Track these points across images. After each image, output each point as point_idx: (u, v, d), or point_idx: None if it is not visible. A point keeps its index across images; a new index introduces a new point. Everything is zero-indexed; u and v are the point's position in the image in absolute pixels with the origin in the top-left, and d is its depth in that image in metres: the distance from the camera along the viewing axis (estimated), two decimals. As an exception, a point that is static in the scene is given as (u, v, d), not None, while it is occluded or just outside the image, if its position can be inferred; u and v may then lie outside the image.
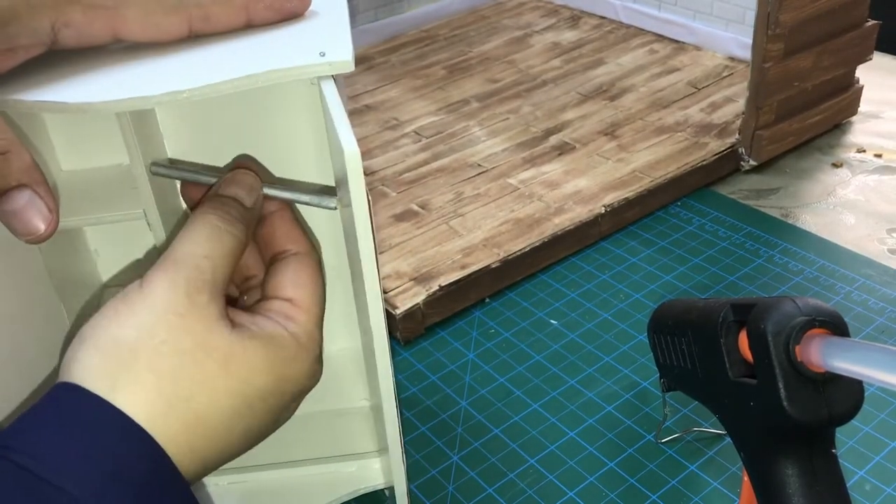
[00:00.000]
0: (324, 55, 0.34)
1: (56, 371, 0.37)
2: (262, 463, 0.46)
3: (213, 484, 0.47)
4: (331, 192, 0.38)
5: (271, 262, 0.39)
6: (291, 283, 0.38)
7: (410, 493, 0.48)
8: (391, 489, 0.43)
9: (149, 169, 0.39)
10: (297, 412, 0.49)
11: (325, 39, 0.35)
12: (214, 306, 0.33)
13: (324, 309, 0.38)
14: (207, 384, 0.32)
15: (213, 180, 0.39)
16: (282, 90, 0.40)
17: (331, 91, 0.34)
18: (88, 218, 0.40)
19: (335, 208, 0.38)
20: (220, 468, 0.47)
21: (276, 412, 0.35)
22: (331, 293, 0.41)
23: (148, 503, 0.28)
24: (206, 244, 0.34)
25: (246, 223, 0.36)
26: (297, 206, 0.41)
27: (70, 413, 0.29)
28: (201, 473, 0.33)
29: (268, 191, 0.39)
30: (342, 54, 0.34)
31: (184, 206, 0.44)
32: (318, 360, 0.37)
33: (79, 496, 0.27)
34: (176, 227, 0.43)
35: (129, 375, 0.31)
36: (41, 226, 0.33)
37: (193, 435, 0.32)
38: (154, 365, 0.31)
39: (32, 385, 0.41)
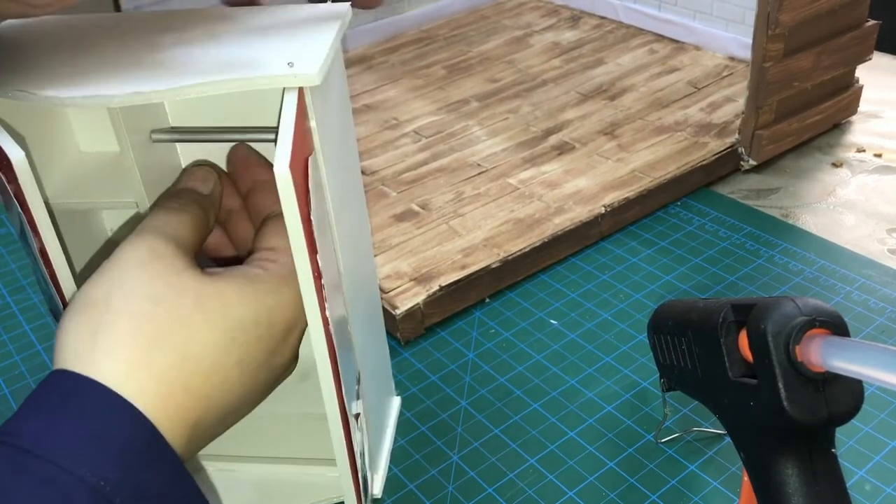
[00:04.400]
0: (292, 65, 0.34)
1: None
2: (250, 455, 0.47)
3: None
4: None
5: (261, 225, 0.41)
6: (272, 233, 0.39)
7: (410, 492, 0.48)
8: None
9: (150, 137, 0.41)
10: (287, 412, 0.49)
11: (302, 53, 0.36)
12: (180, 259, 0.35)
13: None
14: (184, 321, 0.33)
15: (213, 137, 0.41)
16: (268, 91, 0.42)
17: (290, 103, 0.35)
18: (105, 202, 0.42)
19: None
20: (209, 455, 0.47)
21: (266, 344, 0.36)
22: None
23: (133, 463, 0.30)
24: (161, 218, 0.37)
25: (202, 206, 0.39)
26: None
27: (59, 396, 0.31)
28: (210, 416, 0.34)
29: (232, 136, 0.41)
30: (309, 68, 0.34)
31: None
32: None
33: (68, 466, 0.28)
34: None
35: (105, 324, 0.32)
36: None
37: (182, 372, 0.32)
38: (128, 308, 0.32)
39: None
